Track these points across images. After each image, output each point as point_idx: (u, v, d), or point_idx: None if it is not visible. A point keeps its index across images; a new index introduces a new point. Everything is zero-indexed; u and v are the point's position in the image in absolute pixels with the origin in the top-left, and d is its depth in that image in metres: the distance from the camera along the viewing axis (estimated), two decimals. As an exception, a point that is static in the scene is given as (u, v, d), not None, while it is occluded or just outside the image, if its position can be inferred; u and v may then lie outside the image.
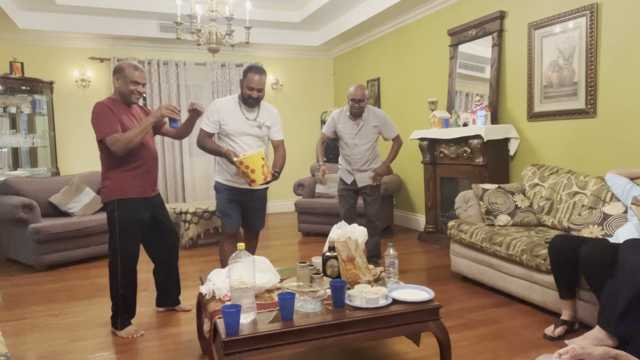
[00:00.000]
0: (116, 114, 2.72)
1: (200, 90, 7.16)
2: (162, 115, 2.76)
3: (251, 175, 2.90)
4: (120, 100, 2.83)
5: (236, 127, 3.14)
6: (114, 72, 2.83)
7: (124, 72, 2.77)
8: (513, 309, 3.06)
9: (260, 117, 3.20)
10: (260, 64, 5.58)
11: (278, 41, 7.12)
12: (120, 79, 2.79)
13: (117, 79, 2.80)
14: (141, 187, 2.83)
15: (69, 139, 6.46)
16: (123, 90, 2.80)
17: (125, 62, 2.83)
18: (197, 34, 4.54)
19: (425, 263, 4.31)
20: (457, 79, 4.94)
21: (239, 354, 1.78)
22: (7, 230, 4.60)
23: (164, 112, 2.75)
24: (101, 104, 2.73)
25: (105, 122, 2.67)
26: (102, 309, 3.30)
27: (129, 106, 2.87)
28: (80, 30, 6.11)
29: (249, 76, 3.07)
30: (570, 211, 3.29)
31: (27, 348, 2.69)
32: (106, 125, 2.66)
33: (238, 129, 3.14)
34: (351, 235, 2.40)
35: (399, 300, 2.06)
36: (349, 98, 3.74)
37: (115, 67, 2.83)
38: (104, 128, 2.66)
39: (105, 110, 2.70)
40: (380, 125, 3.82)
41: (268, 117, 3.24)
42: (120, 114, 2.75)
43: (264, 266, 2.32)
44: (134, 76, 2.77)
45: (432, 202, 5.02)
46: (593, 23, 3.47)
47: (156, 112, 2.76)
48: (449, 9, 5.04)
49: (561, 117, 3.81)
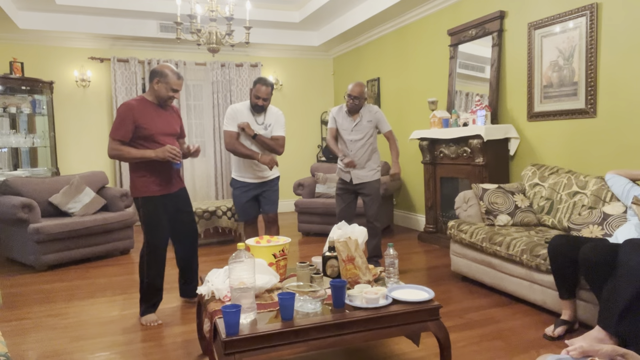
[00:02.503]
0: (140, 116, 2.85)
1: (200, 90, 7.16)
2: (165, 158, 2.85)
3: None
4: (154, 101, 2.96)
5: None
6: (154, 74, 2.90)
7: (167, 78, 2.89)
8: (513, 308, 3.06)
9: (266, 119, 3.67)
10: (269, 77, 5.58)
11: (278, 41, 7.12)
12: (161, 82, 2.89)
13: (158, 82, 2.89)
14: (159, 185, 2.97)
15: (69, 139, 6.46)
16: (162, 94, 2.92)
17: (167, 67, 2.92)
18: (197, 34, 4.54)
19: (425, 263, 4.31)
20: (457, 79, 4.94)
21: (239, 354, 1.78)
22: (7, 230, 4.60)
23: (167, 156, 2.84)
24: (126, 106, 2.85)
25: (119, 126, 2.84)
26: (102, 309, 3.30)
27: (164, 107, 3.00)
28: (80, 30, 6.11)
29: (257, 87, 3.53)
30: (570, 211, 3.29)
31: (27, 348, 2.69)
32: (117, 130, 2.84)
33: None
34: (351, 235, 2.40)
35: (399, 300, 2.06)
36: (346, 94, 3.81)
37: (157, 70, 2.90)
38: (114, 130, 2.85)
39: (126, 115, 2.83)
40: (374, 119, 3.85)
41: (272, 119, 3.68)
42: (147, 114, 2.89)
43: (262, 268, 2.31)
44: (176, 84, 2.92)
45: (432, 202, 5.03)
46: (593, 23, 3.47)
47: (159, 153, 2.84)
48: (449, 9, 5.04)
49: (561, 117, 3.81)
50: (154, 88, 2.92)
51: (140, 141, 2.90)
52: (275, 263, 2.41)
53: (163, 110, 3.00)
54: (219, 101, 7.10)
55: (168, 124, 3.02)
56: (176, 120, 3.14)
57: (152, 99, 2.96)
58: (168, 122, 3.02)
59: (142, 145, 2.90)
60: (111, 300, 3.50)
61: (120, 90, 6.54)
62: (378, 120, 3.86)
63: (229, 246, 5.08)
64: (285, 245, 2.46)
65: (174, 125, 3.08)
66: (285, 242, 2.47)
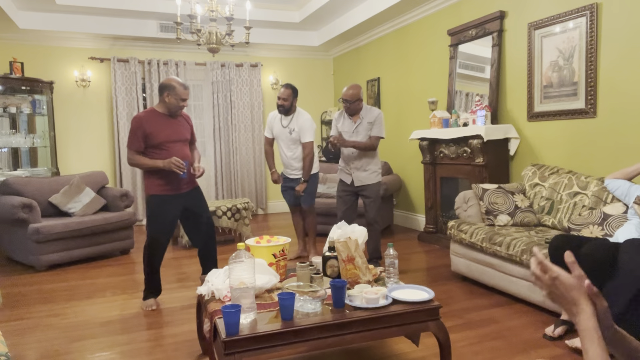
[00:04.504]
0: (148, 125, 3.13)
1: (201, 90, 7.16)
2: (170, 168, 3.10)
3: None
4: (165, 112, 3.22)
5: (276, 133, 4.28)
6: (164, 88, 3.17)
7: (175, 90, 3.16)
8: (513, 309, 3.06)
9: (291, 124, 4.13)
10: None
11: (278, 41, 7.12)
12: (172, 95, 3.16)
13: (168, 95, 3.16)
14: (166, 185, 3.21)
15: (69, 139, 6.46)
16: (173, 105, 3.19)
17: (174, 80, 3.19)
18: (197, 34, 4.54)
19: (425, 263, 4.31)
20: (457, 79, 4.94)
21: (239, 354, 1.78)
22: (7, 230, 4.59)
23: (172, 167, 3.09)
24: (137, 120, 3.13)
25: (132, 138, 3.14)
26: (101, 309, 3.30)
27: (174, 116, 3.25)
28: (80, 30, 6.11)
29: (281, 89, 4.14)
30: (571, 211, 3.29)
31: (27, 348, 2.69)
32: (131, 142, 3.16)
33: (277, 134, 4.27)
34: (351, 235, 2.40)
35: (399, 300, 2.06)
36: (341, 98, 3.87)
37: (165, 84, 3.17)
38: (129, 142, 3.17)
39: (137, 128, 3.11)
40: (373, 122, 3.84)
41: (296, 124, 4.13)
42: (155, 124, 3.16)
43: (262, 268, 2.31)
44: (184, 94, 3.19)
45: (432, 202, 5.02)
46: (593, 23, 3.47)
47: (166, 163, 3.10)
48: (449, 9, 5.04)
49: (561, 117, 3.81)
50: (165, 101, 3.19)
51: (151, 149, 3.17)
52: (275, 263, 2.41)
53: (173, 119, 3.26)
54: (219, 101, 7.10)
55: (176, 132, 3.25)
56: (186, 127, 3.36)
57: (162, 110, 3.23)
58: (176, 129, 3.26)
59: (153, 152, 3.17)
60: (111, 300, 3.50)
61: (120, 90, 6.54)
62: (374, 123, 3.83)
63: (229, 246, 5.08)
64: (285, 245, 2.46)
65: (183, 132, 3.31)
66: (285, 242, 2.48)
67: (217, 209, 5.18)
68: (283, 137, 4.20)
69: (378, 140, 3.86)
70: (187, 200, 3.32)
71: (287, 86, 4.11)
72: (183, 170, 3.11)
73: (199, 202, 3.42)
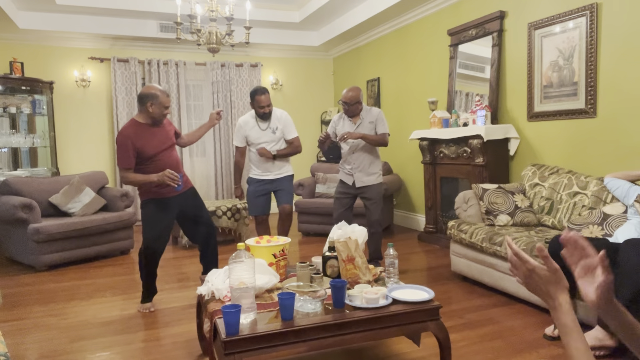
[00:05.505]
0: (137, 140, 3.06)
1: (200, 90, 7.16)
2: (164, 182, 3.03)
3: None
4: (148, 122, 3.14)
5: (255, 138, 3.95)
6: (147, 97, 3.08)
7: (158, 99, 3.09)
8: (513, 309, 3.06)
9: (272, 123, 3.93)
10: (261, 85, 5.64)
11: (278, 41, 7.12)
12: (155, 104, 3.09)
13: (152, 104, 3.08)
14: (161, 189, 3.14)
15: (69, 139, 6.46)
16: (157, 114, 3.12)
17: (154, 88, 3.12)
18: (197, 34, 4.54)
19: (425, 263, 4.31)
20: (457, 79, 4.94)
21: (239, 354, 1.78)
22: (7, 230, 4.59)
23: (166, 180, 3.02)
24: (122, 135, 3.06)
25: (123, 156, 3.06)
26: (101, 309, 3.30)
27: (158, 125, 3.19)
28: (80, 30, 6.11)
29: (256, 98, 3.82)
30: (571, 211, 3.29)
31: (27, 348, 2.69)
32: (121, 160, 3.08)
33: (257, 139, 3.94)
34: (351, 235, 2.40)
35: (399, 300, 2.06)
36: (340, 100, 3.86)
37: (148, 94, 3.09)
38: (119, 160, 3.09)
39: (124, 144, 3.04)
40: (374, 121, 3.83)
41: (278, 122, 3.93)
42: (143, 138, 3.09)
43: (262, 268, 2.31)
44: (167, 102, 3.14)
45: (432, 202, 5.02)
46: (593, 23, 3.47)
47: (160, 177, 3.02)
48: (449, 9, 5.04)
49: (561, 117, 3.81)
50: (148, 111, 3.10)
51: (144, 162, 3.12)
52: (275, 263, 2.41)
53: (156, 129, 3.18)
54: (219, 101, 7.09)
55: (162, 141, 3.20)
56: (168, 130, 3.30)
57: (145, 121, 3.14)
58: (162, 138, 3.20)
59: (145, 166, 3.12)
60: (111, 300, 3.50)
61: (120, 90, 6.54)
62: (377, 121, 3.83)
63: (229, 246, 5.08)
64: (285, 245, 2.46)
65: (168, 138, 3.26)
66: (285, 242, 2.48)
67: (217, 209, 5.18)
68: (266, 139, 3.93)
69: (386, 136, 3.84)
70: (183, 201, 3.29)
71: (266, 91, 3.86)
72: (178, 183, 3.05)
73: (195, 201, 3.40)
